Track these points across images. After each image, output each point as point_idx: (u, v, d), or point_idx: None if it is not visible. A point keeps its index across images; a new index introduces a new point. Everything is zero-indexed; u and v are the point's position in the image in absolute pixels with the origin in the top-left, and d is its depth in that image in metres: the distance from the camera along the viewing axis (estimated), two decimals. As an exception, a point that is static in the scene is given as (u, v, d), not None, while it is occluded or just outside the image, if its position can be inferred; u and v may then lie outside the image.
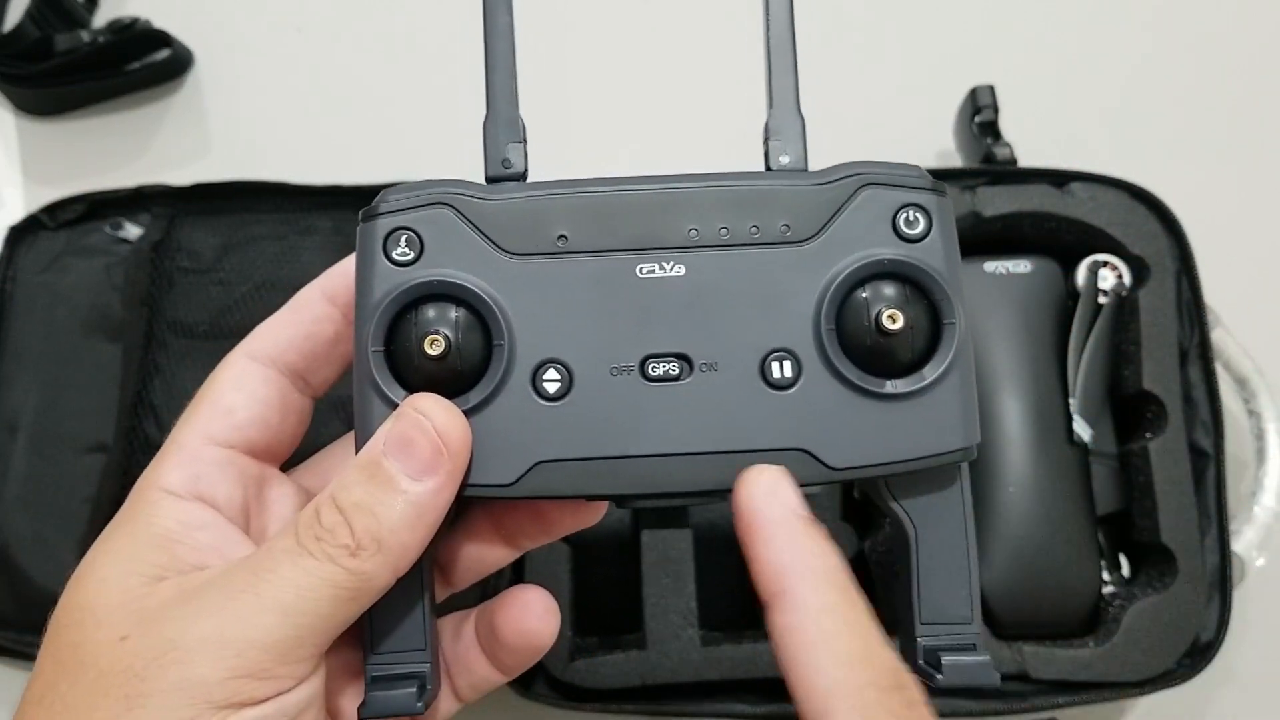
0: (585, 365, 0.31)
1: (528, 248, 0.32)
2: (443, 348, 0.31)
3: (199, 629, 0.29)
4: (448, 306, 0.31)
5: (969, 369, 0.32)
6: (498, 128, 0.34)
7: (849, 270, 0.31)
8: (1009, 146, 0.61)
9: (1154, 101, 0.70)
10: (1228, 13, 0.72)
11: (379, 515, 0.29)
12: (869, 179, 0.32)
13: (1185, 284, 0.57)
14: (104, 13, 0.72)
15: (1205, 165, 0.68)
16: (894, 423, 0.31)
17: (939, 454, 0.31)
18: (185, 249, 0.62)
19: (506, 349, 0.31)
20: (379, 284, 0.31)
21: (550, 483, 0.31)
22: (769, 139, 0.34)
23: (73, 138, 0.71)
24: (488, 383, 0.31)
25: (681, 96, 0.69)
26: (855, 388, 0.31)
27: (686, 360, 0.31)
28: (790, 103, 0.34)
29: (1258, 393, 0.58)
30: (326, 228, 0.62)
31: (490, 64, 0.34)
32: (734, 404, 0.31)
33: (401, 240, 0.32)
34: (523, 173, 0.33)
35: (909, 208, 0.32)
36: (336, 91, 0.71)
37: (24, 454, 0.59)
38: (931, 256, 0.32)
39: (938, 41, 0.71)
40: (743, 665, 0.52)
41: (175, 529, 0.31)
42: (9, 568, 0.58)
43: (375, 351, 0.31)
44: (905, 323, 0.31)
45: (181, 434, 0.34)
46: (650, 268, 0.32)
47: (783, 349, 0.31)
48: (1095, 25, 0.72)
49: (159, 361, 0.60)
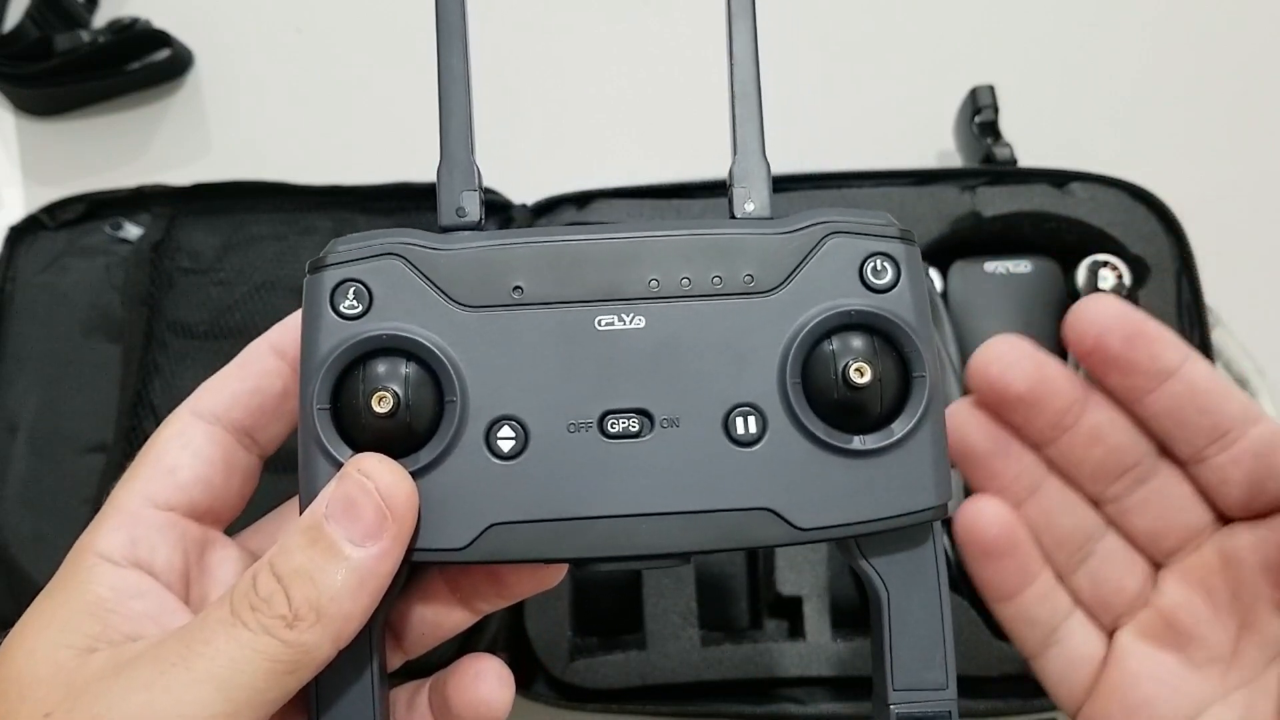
0: (541, 422, 0.30)
1: (481, 299, 0.30)
2: (391, 405, 0.29)
3: (127, 705, 0.27)
4: (397, 361, 0.30)
5: (940, 423, 0.31)
6: (452, 175, 0.32)
7: (815, 322, 0.30)
8: (1009, 146, 0.61)
9: (1154, 102, 0.70)
10: (1228, 13, 0.72)
11: (319, 583, 0.28)
12: (835, 227, 0.31)
13: (1185, 284, 0.57)
14: (104, 13, 0.72)
15: (1205, 165, 0.68)
16: (863, 480, 0.30)
17: (910, 513, 0.30)
18: (185, 249, 0.62)
19: (459, 405, 0.30)
20: (325, 338, 0.30)
21: (505, 546, 0.30)
22: (733, 185, 0.33)
23: (73, 138, 0.71)
24: (439, 441, 0.30)
25: (655, 110, 0.70)
26: (822, 444, 0.30)
27: (647, 416, 0.30)
28: (755, 149, 0.33)
29: (1258, 393, 0.58)
30: (326, 228, 0.62)
31: (444, 109, 0.33)
32: (696, 462, 0.30)
33: (349, 292, 0.30)
34: (478, 221, 0.32)
35: (876, 256, 0.31)
36: (336, 91, 0.71)
37: (24, 454, 0.59)
38: (900, 307, 0.31)
39: (938, 41, 0.71)
40: (743, 665, 0.52)
41: (109, 597, 0.30)
42: (9, 568, 0.58)
43: (320, 409, 0.30)
44: (873, 376, 0.30)
45: (120, 496, 0.32)
46: (609, 320, 0.30)
47: (747, 404, 0.30)
48: (1096, 25, 0.72)
49: (159, 361, 0.60)
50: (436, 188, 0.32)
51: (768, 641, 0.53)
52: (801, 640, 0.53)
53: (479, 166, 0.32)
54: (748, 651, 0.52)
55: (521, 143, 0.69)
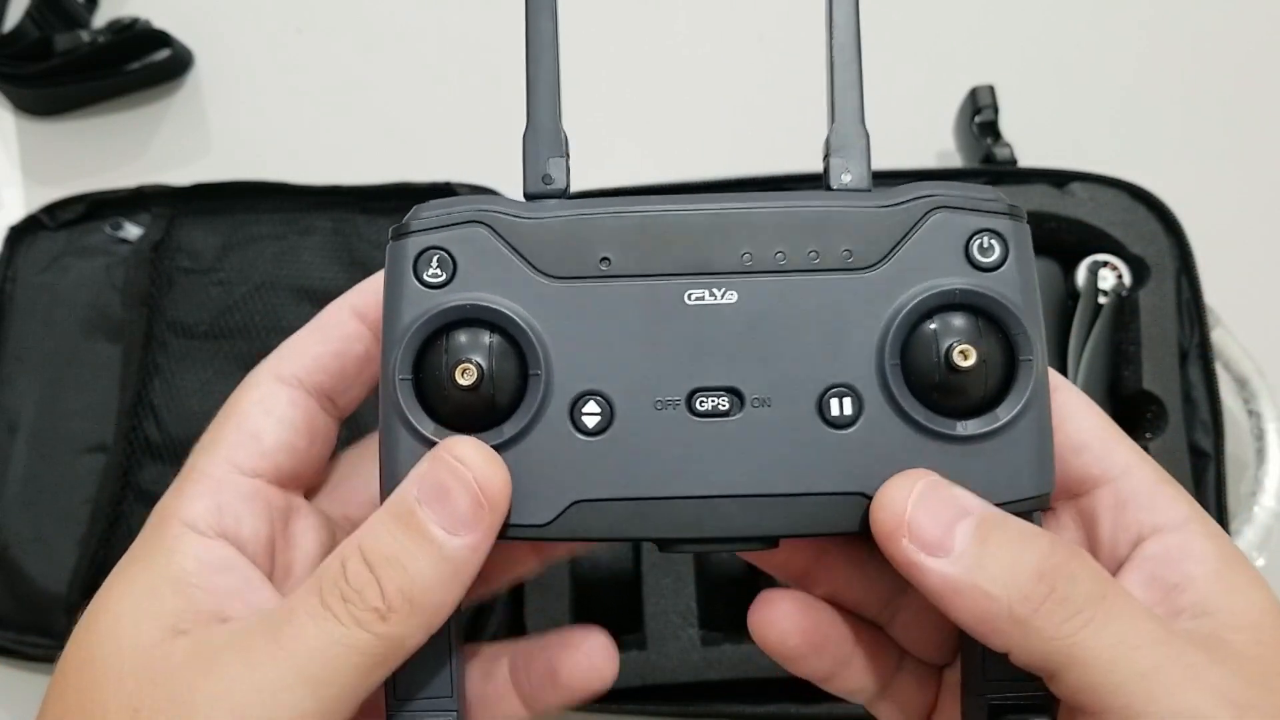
0: (627, 398, 0.29)
1: (568, 270, 0.30)
2: (475, 377, 0.29)
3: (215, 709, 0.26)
4: (481, 332, 0.29)
5: (1046, 410, 0.29)
6: (539, 141, 0.32)
7: (916, 301, 0.29)
8: (1009, 146, 0.61)
9: (1154, 102, 0.70)
10: (1228, 13, 0.72)
11: (411, 571, 0.27)
12: (939, 202, 0.30)
13: (1185, 284, 0.57)
14: (104, 13, 0.72)
15: (1205, 165, 0.68)
16: (963, 467, 0.29)
17: (1012, 501, 0.29)
18: (185, 249, 0.62)
19: (543, 379, 0.29)
20: (408, 307, 0.29)
21: (588, 524, 0.29)
22: (830, 155, 0.31)
23: (73, 138, 0.71)
24: (522, 415, 0.29)
25: (721, 102, 0.69)
26: (921, 428, 0.29)
27: (737, 395, 0.29)
28: (854, 117, 0.31)
29: (1258, 393, 0.58)
30: (326, 228, 0.62)
31: (532, 73, 0.32)
32: (787, 443, 0.29)
33: (433, 261, 0.30)
34: (564, 189, 0.31)
35: (983, 233, 0.29)
36: (336, 92, 0.71)
37: (24, 454, 0.59)
38: (1007, 287, 0.29)
39: (938, 41, 0.71)
40: (743, 665, 0.52)
41: (194, 570, 0.29)
42: (9, 568, 0.58)
43: (403, 380, 0.29)
44: (978, 358, 0.28)
45: (204, 460, 0.32)
46: (700, 294, 0.29)
47: (842, 385, 0.29)
48: (1095, 25, 0.72)
49: (159, 362, 0.60)
50: (523, 154, 0.32)
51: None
52: (801, 640, 0.53)
53: (566, 133, 0.32)
54: (748, 651, 0.52)
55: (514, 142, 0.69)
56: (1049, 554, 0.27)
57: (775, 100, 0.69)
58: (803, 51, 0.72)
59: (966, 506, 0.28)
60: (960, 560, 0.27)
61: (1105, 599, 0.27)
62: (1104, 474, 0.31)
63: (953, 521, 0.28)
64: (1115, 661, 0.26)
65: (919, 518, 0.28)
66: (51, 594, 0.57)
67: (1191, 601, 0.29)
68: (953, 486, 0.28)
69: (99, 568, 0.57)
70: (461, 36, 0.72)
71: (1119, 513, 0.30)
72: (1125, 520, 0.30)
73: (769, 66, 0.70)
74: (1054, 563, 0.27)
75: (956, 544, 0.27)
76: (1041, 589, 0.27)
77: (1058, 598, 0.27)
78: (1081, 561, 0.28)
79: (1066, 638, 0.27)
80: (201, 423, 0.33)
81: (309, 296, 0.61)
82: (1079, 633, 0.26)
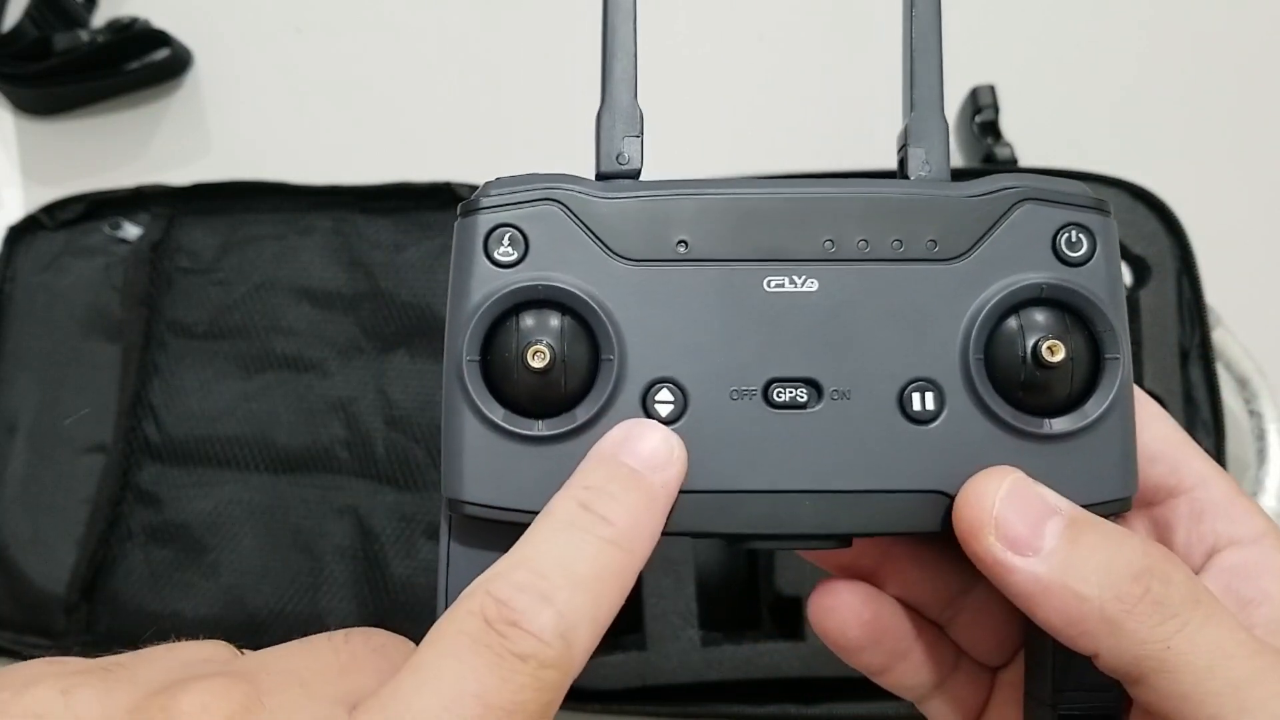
0: (703, 386, 0.28)
1: (644, 253, 0.28)
2: (547, 359, 0.27)
3: None
4: (553, 314, 0.28)
5: (1131, 411, 0.29)
6: (614, 118, 0.30)
7: (1003, 294, 0.28)
8: (1009, 146, 0.61)
9: (1155, 101, 0.70)
10: (1228, 13, 0.72)
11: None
12: (1026, 193, 0.29)
13: (1186, 284, 0.57)
14: (103, 12, 0.72)
15: (1205, 165, 0.68)
16: (1047, 466, 0.28)
17: (1096, 504, 0.28)
18: (184, 249, 0.62)
19: (616, 364, 0.28)
20: (477, 285, 0.28)
21: None
22: (908, 144, 0.30)
23: (72, 138, 0.71)
24: (593, 401, 0.28)
25: (721, 102, 0.69)
26: (1005, 425, 0.28)
27: (816, 386, 0.28)
28: (935, 106, 0.31)
29: (1259, 393, 0.58)
30: (326, 227, 0.62)
31: (609, 47, 0.30)
32: (867, 438, 0.28)
33: (505, 239, 0.28)
34: (638, 170, 0.30)
35: (1071, 227, 0.29)
36: (336, 91, 0.71)
37: (23, 454, 0.59)
38: (1095, 283, 0.28)
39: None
40: (743, 665, 0.52)
41: None
42: (8, 568, 0.58)
43: (470, 361, 0.28)
44: (1066, 355, 0.28)
45: None
46: (780, 281, 0.28)
47: (925, 379, 0.28)
48: (1096, 25, 0.72)
49: (158, 361, 0.60)
50: (596, 132, 0.31)
51: (768, 641, 0.53)
52: (801, 640, 0.53)
53: (643, 110, 0.31)
54: (748, 652, 0.52)
55: (514, 142, 0.69)
56: (1143, 555, 0.27)
57: (775, 100, 0.69)
58: (803, 51, 0.72)
59: (1055, 505, 0.27)
60: (1050, 559, 0.26)
61: (1200, 604, 0.26)
62: (1180, 484, 0.30)
63: (1041, 520, 0.27)
64: (1209, 669, 0.25)
65: (1006, 515, 0.27)
66: (50, 594, 0.57)
67: (1268, 617, 0.28)
68: (1040, 485, 0.28)
69: (98, 568, 0.57)
70: (461, 36, 0.72)
71: (1195, 523, 0.30)
72: (1201, 531, 0.30)
73: (769, 66, 0.70)
74: (1148, 564, 0.26)
75: (1046, 543, 0.27)
76: (1136, 590, 0.26)
77: (1152, 599, 0.26)
78: (1176, 565, 0.27)
79: (1160, 641, 0.26)
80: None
81: (308, 296, 0.61)
82: (1174, 637, 0.26)
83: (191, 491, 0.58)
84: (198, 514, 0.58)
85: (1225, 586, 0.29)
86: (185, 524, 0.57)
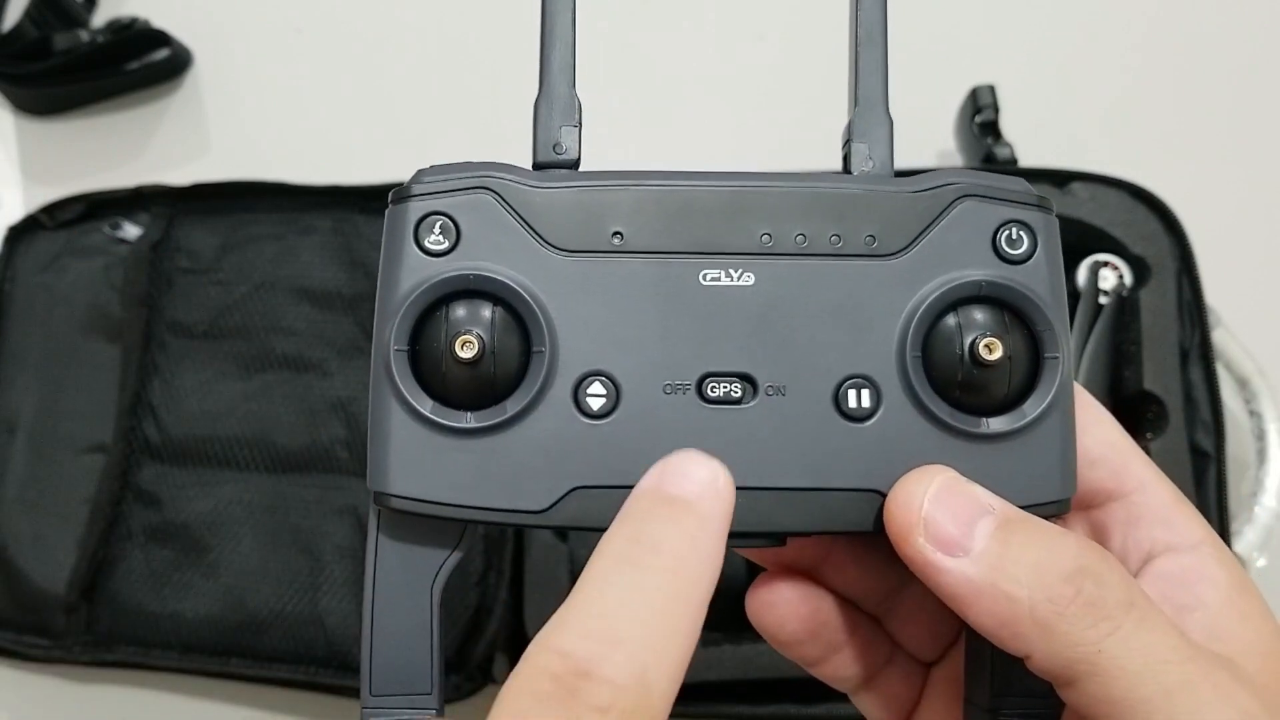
0: (635, 380, 0.28)
1: (578, 244, 0.28)
2: (476, 350, 0.27)
3: None
4: (483, 304, 0.28)
5: (1070, 411, 0.28)
6: (551, 107, 0.30)
7: (941, 291, 0.28)
8: (1009, 146, 0.61)
9: (1154, 101, 0.70)
10: (1228, 12, 0.72)
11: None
12: (967, 190, 0.28)
13: (1186, 284, 0.57)
14: (103, 12, 0.72)
15: (1205, 165, 0.68)
16: (983, 466, 0.28)
17: (1033, 505, 0.27)
18: (184, 249, 0.62)
19: (547, 356, 0.28)
20: (407, 274, 0.28)
21: (588, 512, 0.27)
22: (852, 140, 0.30)
23: (72, 138, 0.71)
24: (523, 394, 0.28)
25: (721, 102, 0.69)
26: (941, 424, 0.28)
27: (750, 382, 0.28)
28: (879, 102, 0.30)
29: (1259, 393, 0.58)
30: (326, 227, 0.62)
31: (547, 35, 0.30)
32: (801, 435, 0.28)
33: (435, 227, 0.28)
34: (575, 160, 0.30)
35: (1011, 225, 0.28)
36: (336, 91, 0.71)
37: (23, 454, 0.59)
38: (1035, 281, 0.28)
39: (938, 41, 0.71)
40: (743, 666, 0.52)
41: None
42: (8, 568, 0.58)
43: (398, 351, 0.28)
44: (1004, 353, 0.27)
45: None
46: (715, 274, 0.28)
47: (861, 376, 0.28)
48: (1095, 25, 0.72)
49: (158, 362, 0.60)
50: (534, 121, 0.30)
51: (767, 642, 0.53)
52: (801, 641, 0.53)
53: (580, 100, 0.30)
54: (748, 652, 0.52)
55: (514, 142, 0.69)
56: (1077, 555, 0.26)
57: (775, 100, 0.69)
58: (802, 51, 0.72)
59: (987, 504, 0.27)
60: (980, 560, 0.26)
61: (1135, 607, 0.26)
62: (1119, 488, 0.30)
63: (972, 519, 0.26)
64: (1141, 674, 0.25)
65: (935, 515, 0.27)
66: (50, 594, 0.57)
67: (1202, 624, 0.28)
68: (971, 484, 0.27)
69: (98, 568, 0.57)
70: (461, 36, 0.72)
71: (1132, 528, 0.30)
72: (1138, 536, 0.29)
73: (769, 66, 0.70)
74: (1081, 564, 0.26)
75: (976, 543, 0.26)
76: (1068, 591, 0.26)
77: (1085, 601, 0.26)
78: (1111, 566, 0.26)
79: (1092, 644, 0.25)
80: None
81: (308, 296, 0.61)
82: (1106, 640, 0.25)
83: (191, 491, 0.58)
84: (198, 514, 0.58)
85: (1161, 593, 0.28)
86: (185, 524, 0.57)
